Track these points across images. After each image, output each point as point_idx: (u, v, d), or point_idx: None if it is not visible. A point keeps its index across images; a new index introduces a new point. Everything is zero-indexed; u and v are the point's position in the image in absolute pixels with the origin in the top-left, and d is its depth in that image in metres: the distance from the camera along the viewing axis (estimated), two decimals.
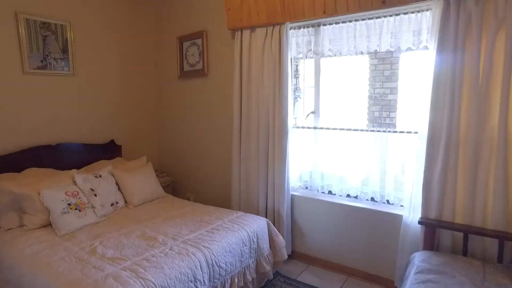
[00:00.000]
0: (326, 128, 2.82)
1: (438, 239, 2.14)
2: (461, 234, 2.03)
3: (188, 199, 3.75)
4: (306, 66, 3.60)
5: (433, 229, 2.08)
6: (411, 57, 3.58)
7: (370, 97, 4.80)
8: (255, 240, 2.37)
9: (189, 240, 2.12)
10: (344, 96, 4.16)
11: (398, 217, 2.43)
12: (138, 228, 2.34)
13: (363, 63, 4.71)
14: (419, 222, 2.14)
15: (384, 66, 4.75)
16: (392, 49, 2.48)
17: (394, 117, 4.57)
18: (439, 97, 2.08)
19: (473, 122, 1.98)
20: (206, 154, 3.58)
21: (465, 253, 2.00)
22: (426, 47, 2.28)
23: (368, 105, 4.80)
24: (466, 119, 2.01)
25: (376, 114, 4.83)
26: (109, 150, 3.38)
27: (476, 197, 2.00)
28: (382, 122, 4.70)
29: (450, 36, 1.98)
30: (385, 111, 4.78)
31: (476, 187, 2.00)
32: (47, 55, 2.93)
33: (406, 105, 3.74)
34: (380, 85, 4.76)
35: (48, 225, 2.32)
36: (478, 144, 1.98)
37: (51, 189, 2.35)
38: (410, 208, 2.33)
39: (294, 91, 3.26)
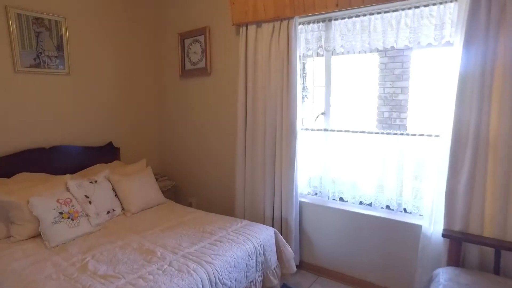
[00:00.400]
0: (338, 131, 2.63)
1: (464, 254, 1.95)
2: (491, 250, 1.83)
3: (190, 204, 3.58)
4: (314, 65, 3.42)
5: (459, 243, 1.89)
6: (425, 54, 3.39)
7: (379, 97, 4.62)
8: (262, 253, 2.19)
9: (190, 254, 1.93)
10: (353, 96, 3.98)
11: (417, 228, 2.24)
12: (135, 239, 2.16)
13: (373, 62, 4.53)
14: (443, 235, 1.94)
15: (394, 64, 4.56)
16: (411, 45, 2.29)
17: (405, 118, 4.39)
18: (466, 96, 1.88)
19: (506, 122, 1.78)
20: (209, 157, 3.41)
21: (496, 271, 1.80)
22: (449, 43, 2.09)
23: (377, 105, 4.62)
24: (497, 120, 1.81)
25: (386, 114, 4.64)
26: (106, 153, 3.22)
27: (509, 208, 1.80)
28: (392, 123, 4.52)
29: (479, 28, 1.78)
30: (395, 112, 4.60)
31: (509, 197, 1.79)
32: (41, 53, 2.76)
33: (420, 106, 3.55)
34: (390, 84, 4.57)
35: (37, 235, 2.14)
36: (511, 148, 1.78)
37: (42, 197, 2.18)
38: (430, 218, 2.13)
39: (302, 91, 3.08)
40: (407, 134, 2.37)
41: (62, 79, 2.92)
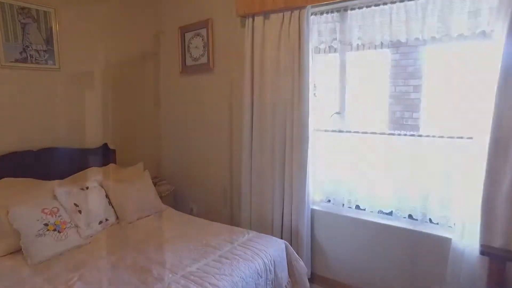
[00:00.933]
0: (355, 132, 2.39)
1: (506, 274, 1.70)
2: None
3: (191, 211, 3.35)
4: (326, 60, 3.20)
5: (502, 262, 1.64)
6: (443, 49, 3.15)
7: (391, 96, 4.39)
8: (272, 269, 1.95)
9: (191, 274, 1.69)
10: (365, 95, 3.76)
11: (446, 241, 1.99)
12: (130, 254, 1.92)
13: (384, 58, 4.29)
14: (482, 252, 1.69)
15: (407, 61, 4.32)
16: (438, 36, 2.06)
17: (418, 118, 4.16)
18: (510, 93, 1.64)
19: None
20: (212, 160, 3.18)
21: None
22: (484, 33, 1.85)
23: (388, 104, 4.38)
24: None
25: (398, 114, 4.41)
26: (101, 156, 2.97)
27: None
28: (404, 123, 4.29)
29: None
30: (407, 111, 4.37)
31: None
32: (28, 46, 2.52)
33: (439, 105, 3.32)
34: (403, 82, 4.34)
35: (18, 251, 1.89)
36: None
37: (24, 206, 1.93)
38: (462, 231, 1.90)
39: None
40: (433, 136, 2.14)
41: (52, 75, 2.68)
